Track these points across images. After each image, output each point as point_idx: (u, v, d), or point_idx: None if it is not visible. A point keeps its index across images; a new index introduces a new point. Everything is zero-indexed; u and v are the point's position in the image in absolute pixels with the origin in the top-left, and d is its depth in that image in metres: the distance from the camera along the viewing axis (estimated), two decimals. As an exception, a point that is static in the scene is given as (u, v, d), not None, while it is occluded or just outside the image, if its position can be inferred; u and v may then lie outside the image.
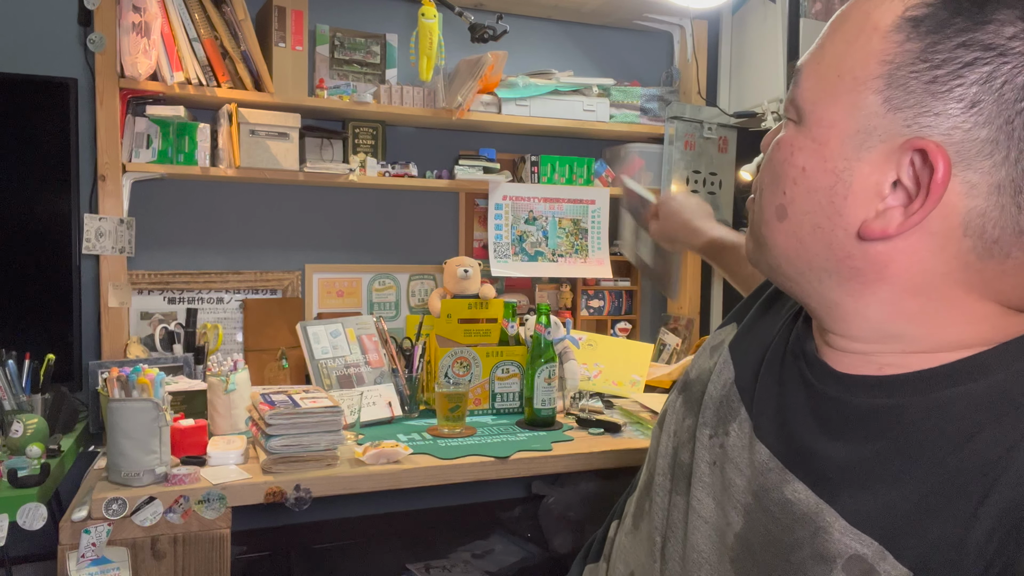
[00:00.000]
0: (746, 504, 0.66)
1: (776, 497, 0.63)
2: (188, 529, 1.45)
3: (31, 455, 1.51)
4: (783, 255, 0.66)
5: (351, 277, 2.38)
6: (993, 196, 0.54)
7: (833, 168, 0.60)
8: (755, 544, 0.63)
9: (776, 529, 0.62)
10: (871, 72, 0.57)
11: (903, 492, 0.55)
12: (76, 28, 2.05)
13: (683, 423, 0.80)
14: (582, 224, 2.52)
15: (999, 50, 0.53)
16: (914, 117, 0.55)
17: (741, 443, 0.69)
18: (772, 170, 0.65)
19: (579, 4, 2.44)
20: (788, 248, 0.65)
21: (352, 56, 2.31)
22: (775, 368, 0.71)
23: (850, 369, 0.64)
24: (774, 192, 0.64)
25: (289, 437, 1.55)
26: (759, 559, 0.62)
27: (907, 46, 0.56)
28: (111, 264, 2.02)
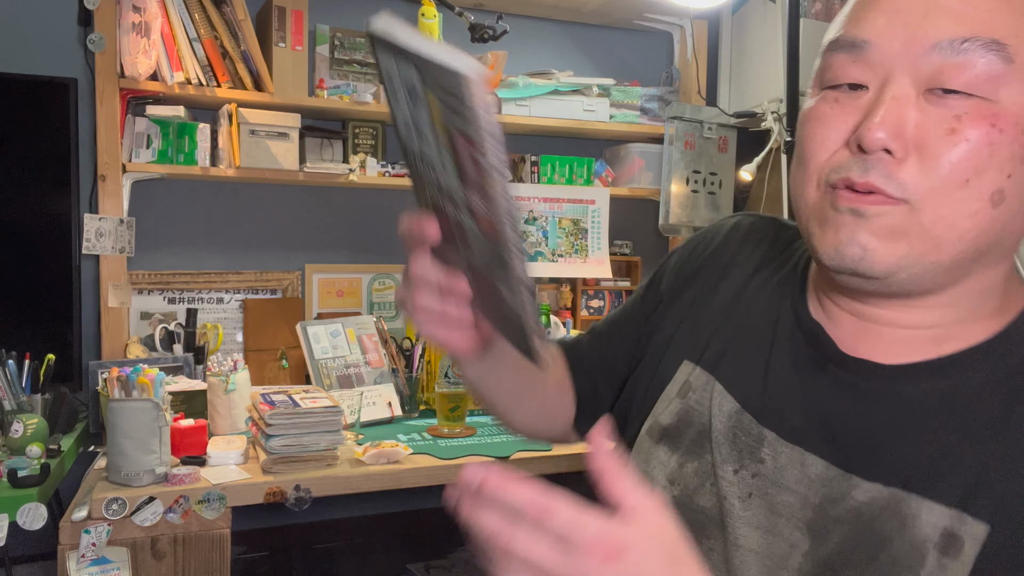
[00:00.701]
0: (809, 521, 0.62)
1: (848, 504, 0.60)
2: (188, 529, 1.45)
3: (31, 455, 1.51)
4: (973, 247, 0.56)
5: (351, 277, 2.38)
6: None
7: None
8: (833, 557, 0.60)
9: (856, 534, 0.59)
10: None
11: (967, 461, 0.56)
12: (76, 28, 2.05)
13: (682, 470, 0.71)
14: (582, 224, 2.52)
15: None
16: None
17: (786, 463, 0.64)
18: (981, 155, 0.54)
19: (579, 4, 2.44)
20: (988, 236, 0.55)
21: (352, 56, 2.31)
22: (791, 381, 0.67)
23: (899, 359, 0.61)
24: (991, 179, 0.54)
25: (289, 437, 1.55)
26: (841, 571, 0.59)
27: None
28: (111, 264, 2.02)
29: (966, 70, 0.53)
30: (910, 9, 0.55)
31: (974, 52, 0.52)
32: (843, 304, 0.64)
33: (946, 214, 0.54)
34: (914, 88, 0.55)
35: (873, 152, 0.54)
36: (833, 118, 0.58)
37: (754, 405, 0.67)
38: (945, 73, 0.53)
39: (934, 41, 0.53)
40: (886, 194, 0.54)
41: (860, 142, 0.55)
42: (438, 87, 0.46)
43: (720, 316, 0.74)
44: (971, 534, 0.55)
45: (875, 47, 0.56)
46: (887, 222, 0.55)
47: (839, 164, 0.57)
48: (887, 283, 0.57)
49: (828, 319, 0.66)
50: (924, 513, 0.56)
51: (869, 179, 0.55)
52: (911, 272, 0.56)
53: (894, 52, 0.55)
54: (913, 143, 0.54)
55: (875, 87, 0.56)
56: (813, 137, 0.59)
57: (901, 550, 0.57)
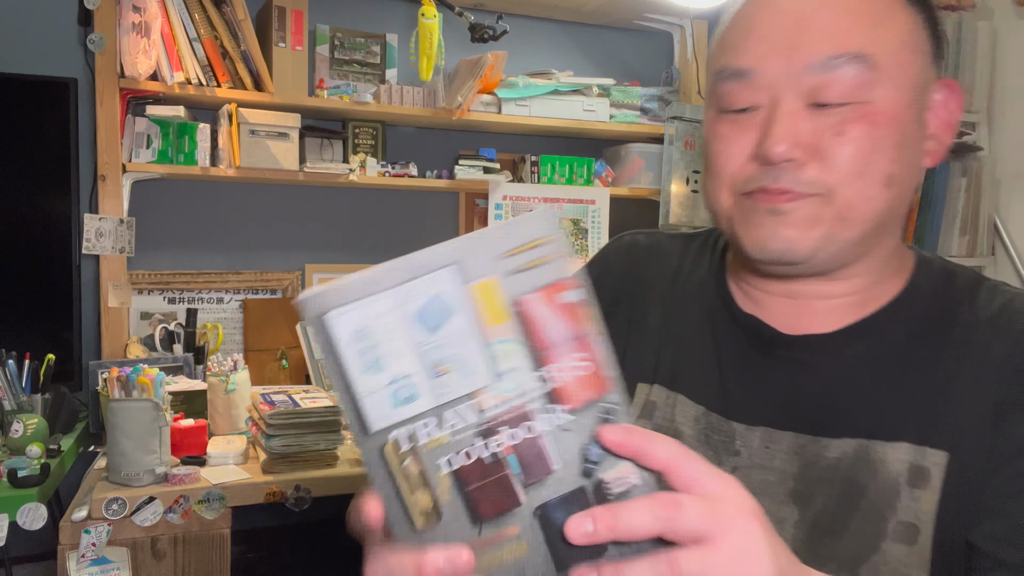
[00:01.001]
0: (791, 491, 0.67)
1: (823, 464, 0.66)
2: (188, 529, 1.45)
3: (31, 455, 1.51)
4: (875, 224, 0.64)
5: (351, 277, 2.38)
6: None
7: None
8: (820, 517, 0.65)
9: (836, 489, 0.65)
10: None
11: (914, 399, 0.64)
12: (76, 28, 2.05)
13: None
14: (582, 224, 2.52)
15: None
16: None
17: (759, 446, 0.69)
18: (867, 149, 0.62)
19: (579, 4, 2.44)
20: (886, 214, 0.64)
21: (352, 56, 2.31)
22: (745, 372, 0.71)
23: (833, 326, 0.69)
24: (881, 167, 0.62)
25: (289, 437, 1.55)
26: (830, 528, 0.65)
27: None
28: (111, 264, 2.02)
29: (839, 83, 0.61)
30: (782, 36, 0.62)
31: (843, 67, 0.60)
32: (774, 289, 0.71)
33: (851, 200, 0.62)
34: (800, 102, 0.62)
35: (778, 163, 0.62)
36: (735, 137, 0.65)
37: (718, 404, 0.72)
38: (822, 89, 0.61)
39: (806, 62, 0.61)
40: (797, 193, 0.62)
41: (765, 156, 0.62)
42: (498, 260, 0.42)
43: (658, 333, 0.78)
44: (934, 462, 0.62)
45: (759, 73, 0.63)
46: (803, 214, 0.63)
47: (749, 177, 0.64)
48: (810, 264, 0.65)
49: (760, 307, 0.72)
50: (890, 454, 0.64)
51: (781, 184, 0.62)
52: (829, 252, 0.64)
53: (775, 75, 0.62)
54: (809, 149, 0.62)
55: (766, 106, 0.64)
56: (720, 155, 0.67)
57: (877, 493, 0.63)
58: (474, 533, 0.42)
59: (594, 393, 0.42)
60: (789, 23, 0.62)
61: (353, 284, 0.40)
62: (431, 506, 0.41)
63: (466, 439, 0.42)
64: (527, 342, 0.42)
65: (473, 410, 0.42)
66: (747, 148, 0.65)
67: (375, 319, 0.40)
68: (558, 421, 0.42)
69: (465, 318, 0.41)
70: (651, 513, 0.40)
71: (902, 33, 0.63)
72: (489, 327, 0.42)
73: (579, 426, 0.42)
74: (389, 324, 0.40)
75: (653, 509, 0.40)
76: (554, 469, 0.42)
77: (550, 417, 0.42)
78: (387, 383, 0.41)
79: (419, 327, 0.41)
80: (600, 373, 0.42)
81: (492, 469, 0.42)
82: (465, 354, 0.41)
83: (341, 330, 0.40)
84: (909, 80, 0.63)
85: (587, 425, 0.42)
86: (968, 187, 2.37)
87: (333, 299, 0.40)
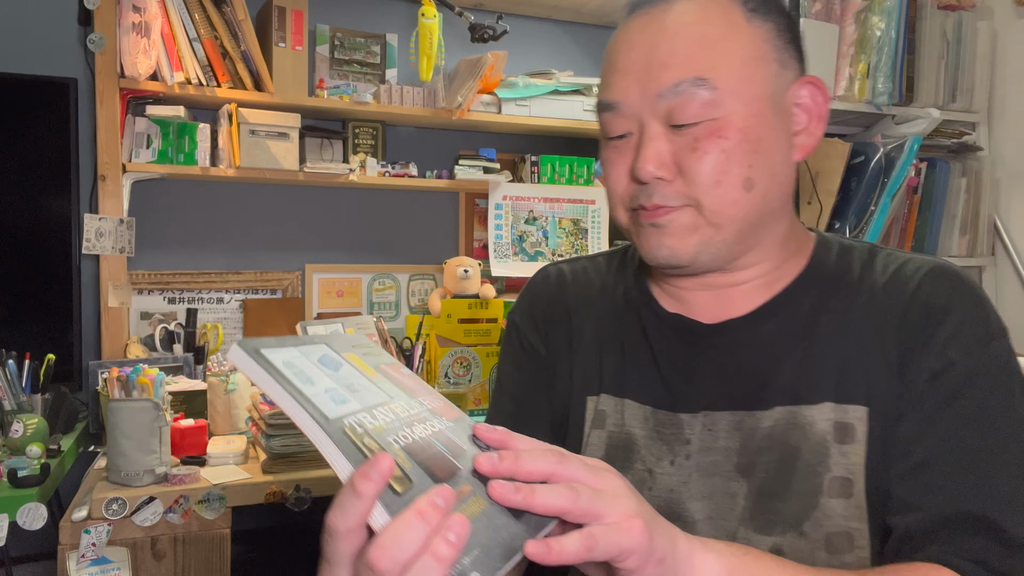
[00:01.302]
0: (736, 465, 0.73)
1: (761, 434, 0.72)
2: (188, 529, 1.45)
3: (31, 455, 1.51)
4: (746, 223, 0.71)
5: (351, 277, 2.38)
6: None
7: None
8: (765, 483, 0.71)
9: (775, 455, 0.71)
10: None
11: (829, 363, 0.72)
12: (76, 28, 2.05)
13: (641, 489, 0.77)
14: (582, 224, 2.52)
15: None
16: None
17: (703, 431, 0.75)
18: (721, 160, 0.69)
19: (579, 4, 2.44)
20: (753, 213, 0.71)
21: (352, 56, 2.31)
22: (680, 368, 0.78)
23: (748, 308, 0.76)
24: (736, 173, 0.69)
25: (289, 437, 1.55)
26: (773, 492, 0.71)
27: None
28: (111, 264, 2.02)
29: (688, 105, 0.68)
30: (635, 69, 0.71)
31: (688, 91, 0.68)
32: (691, 285, 0.78)
33: (717, 207, 0.70)
34: (661, 126, 0.70)
35: (649, 181, 0.70)
36: (617, 161, 0.74)
37: (664, 401, 0.78)
38: (674, 112, 0.69)
39: (658, 90, 0.69)
40: (669, 207, 0.70)
41: (637, 176, 0.71)
42: (350, 347, 0.58)
43: (596, 346, 0.84)
44: (857, 417, 0.70)
45: (623, 104, 0.72)
46: (679, 224, 0.71)
47: (632, 195, 0.73)
48: (695, 267, 0.73)
49: (683, 304, 0.80)
50: (816, 415, 0.71)
51: (655, 201, 0.71)
52: (709, 253, 0.72)
53: (637, 104, 0.71)
54: (673, 167, 0.70)
55: (636, 132, 0.72)
56: (609, 178, 0.75)
57: (810, 452, 0.70)
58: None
59: (456, 414, 0.57)
60: (640, 56, 0.70)
61: (269, 340, 0.53)
62: (401, 474, 0.47)
63: (399, 426, 0.52)
64: (399, 385, 0.57)
65: (391, 412, 0.53)
66: (627, 170, 0.73)
67: (295, 358, 0.53)
68: (444, 426, 0.54)
69: (351, 368, 0.56)
70: (546, 457, 0.50)
71: (745, 49, 0.70)
72: (368, 375, 0.56)
73: (461, 427, 0.55)
74: (305, 363, 0.53)
75: (548, 454, 0.50)
76: (464, 448, 0.53)
77: (439, 422, 0.55)
78: (323, 391, 0.51)
79: (324, 368, 0.54)
80: (449, 406, 0.58)
81: (428, 446, 0.51)
82: (364, 383, 0.54)
83: (276, 359, 0.52)
84: (755, 91, 0.70)
85: (466, 428, 0.55)
86: (968, 187, 2.37)
87: (261, 344, 0.52)
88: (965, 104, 2.37)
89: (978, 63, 2.36)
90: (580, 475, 0.49)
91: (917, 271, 0.73)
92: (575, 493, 0.48)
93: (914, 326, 0.70)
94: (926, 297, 0.71)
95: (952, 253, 2.40)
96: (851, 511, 0.68)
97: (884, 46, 2.23)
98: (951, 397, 0.67)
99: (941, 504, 0.65)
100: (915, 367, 0.69)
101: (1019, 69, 2.34)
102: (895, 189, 2.21)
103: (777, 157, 0.72)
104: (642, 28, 0.71)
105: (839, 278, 0.76)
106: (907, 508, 0.66)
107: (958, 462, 0.66)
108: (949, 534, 0.64)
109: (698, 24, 0.69)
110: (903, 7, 2.25)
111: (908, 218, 2.32)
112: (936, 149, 2.38)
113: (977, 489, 0.65)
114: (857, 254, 0.77)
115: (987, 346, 0.69)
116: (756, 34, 0.71)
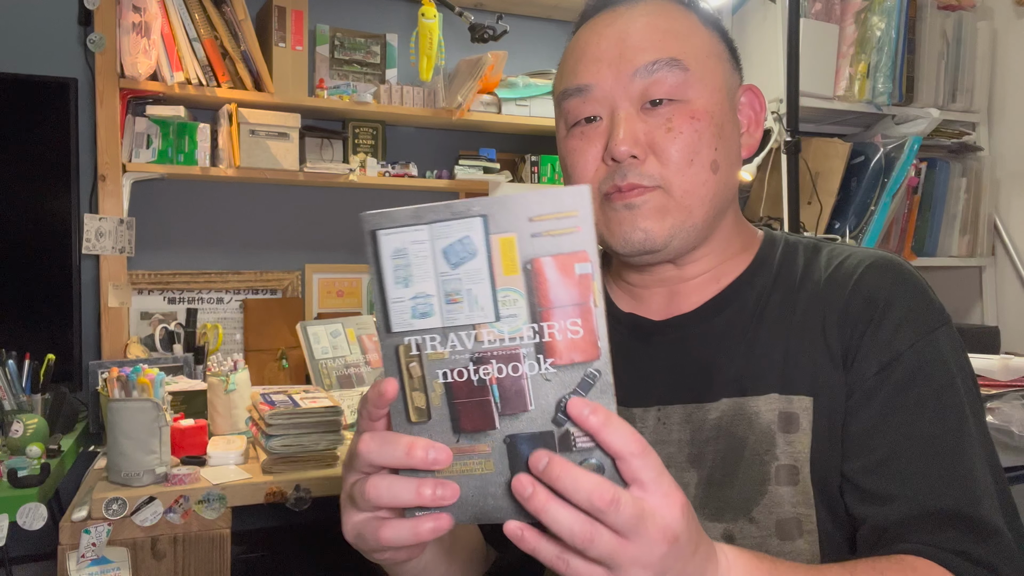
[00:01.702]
0: (688, 456, 0.75)
1: (709, 425, 0.75)
2: (188, 529, 1.45)
3: (31, 455, 1.51)
4: (712, 206, 0.75)
5: (351, 277, 2.38)
6: None
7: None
8: (713, 473, 0.74)
9: (722, 445, 0.74)
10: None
11: (774, 355, 0.74)
12: (76, 28, 2.05)
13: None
14: (582, 224, 2.52)
15: None
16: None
17: (655, 424, 0.77)
18: (693, 141, 0.73)
19: (579, 4, 2.43)
20: (719, 196, 0.75)
21: (352, 56, 2.31)
22: (633, 364, 0.80)
23: (696, 303, 0.79)
24: (706, 155, 0.73)
25: (289, 437, 1.55)
26: (722, 480, 0.73)
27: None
28: (111, 264, 2.02)
29: (662, 83, 0.73)
30: (609, 55, 0.74)
31: (662, 69, 0.73)
32: (647, 282, 0.82)
33: (687, 188, 0.73)
34: (634, 107, 0.74)
35: (623, 160, 0.73)
36: (586, 146, 0.76)
37: (618, 397, 0.75)
38: (650, 89, 0.73)
39: (633, 70, 0.73)
40: (643, 187, 0.73)
41: (612, 156, 0.73)
42: (523, 221, 0.47)
43: None
44: (802, 408, 0.72)
45: (596, 87, 0.75)
46: (652, 206, 0.73)
47: (603, 178, 0.75)
48: (668, 251, 0.75)
49: (638, 302, 0.83)
50: (762, 406, 0.73)
51: (629, 180, 0.73)
52: (681, 238, 0.74)
53: (610, 86, 0.74)
54: (647, 146, 0.73)
55: (607, 115, 0.75)
56: (576, 165, 0.77)
57: (756, 442, 0.72)
58: (452, 440, 0.50)
59: (581, 357, 0.48)
60: (612, 44, 0.75)
61: (403, 213, 0.48)
62: (424, 406, 0.49)
63: (462, 360, 0.49)
64: (531, 298, 0.48)
65: (471, 338, 0.49)
66: (597, 154, 0.75)
67: (412, 244, 0.48)
68: (541, 370, 0.48)
69: (482, 262, 0.48)
70: (588, 495, 0.45)
71: (705, 44, 0.76)
72: (501, 275, 0.48)
73: (560, 380, 0.48)
74: (422, 252, 0.48)
75: (593, 494, 0.45)
76: (530, 409, 0.48)
77: (535, 364, 0.48)
78: (411, 297, 0.49)
79: (444, 260, 0.48)
80: (591, 341, 0.48)
81: (477, 391, 0.49)
82: (475, 291, 0.48)
83: (385, 247, 0.49)
84: (717, 82, 0.75)
85: (567, 382, 0.48)
86: (968, 187, 2.37)
87: (384, 221, 0.48)
88: (965, 104, 2.37)
89: (978, 63, 2.36)
90: (621, 525, 0.45)
91: (859, 264, 0.75)
92: (591, 535, 0.45)
93: (857, 318, 0.72)
94: (868, 290, 0.72)
95: (952, 253, 2.40)
96: (798, 497, 0.71)
97: (884, 46, 2.23)
98: (902, 387, 0.69)
99: (911, 494, 0.66)
100: (862, 360, 0.71)
101: (1019, 69, 2.34)
102: (895, 189, 2.21)
103: (733, 147, 0.78)
104: (610, 22, 0.76)
105: (783, 273, 0.78)
106: (877, 499, 0.68)
107: (921, 451, 0.67)
108: (925, 526, 0.65)
109: (664, 18, 0.75)
110: (903, 7, 2.25)
111: (908, 218, 2.32)
112: (936, 149, 2.38)
113: (943, 478, 0.66)
114: (802, 249, 0.80)
115: (931, 335, 0.71)
116: (711, 36, 0.78)
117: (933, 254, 2.37)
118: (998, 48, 2.38)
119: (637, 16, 0.76)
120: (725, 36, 0.80)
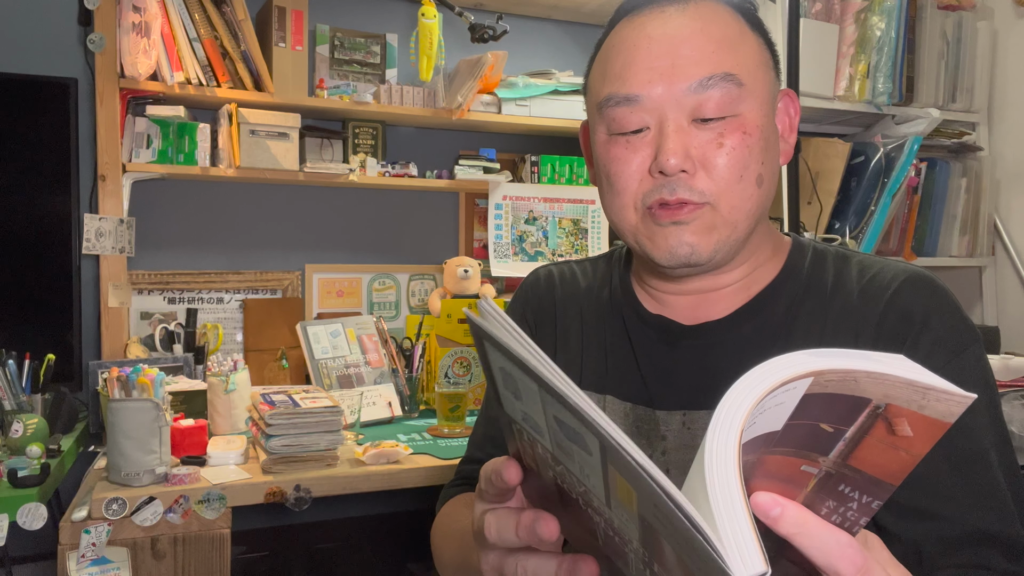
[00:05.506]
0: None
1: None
2: (188, 529, 1.45)
3: (31, 455, 1.51)
4: (755, 220, 0.75)
5: (351, 277, 2.38)
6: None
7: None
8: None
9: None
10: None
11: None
12: (76, 28, 2.05)
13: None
14: (582, 224, 2.52)
15: None
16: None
17: (680, 428, 0.77)
18: (743, 155, 0.72)
19: (579, 4, 2.44)
20: (761, 209, 0.75)
21: (352, 56, 2.31)
22: (659, 366, 0.80)
23: (727, 310, 0.78)
24: (753, 169, 0.73)
25: (289, 437, 1.55)
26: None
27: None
28: (111, 264, 2.02)
29: (714, 100, 0.71)
30: (661, 65, 0.72)
31: (716, 85, 0.71)
32: (674, 289, 0.81)
33: (735, 204, 0.72)
34: (684, 120, 0.72)
35: (673, 174, 0.71)
36: (631, 156, 0.74)
37: (643, 398, 0.80)
38: (700, 106, 0.71)
39: (686, 84, 0.71)
40: (693, 203, 0.72)
41: (661, 168, 0.71)
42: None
43: (579, 344, 0.87)
44: None
45: (646, 98, 0.72)
46: (700, 223, 0.72)
47: (648, 190, 0.73)
48: (710, 265, 0.75)
49: (664, 306, 0.82)
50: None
51: (678, 195, 0.71)
52: (725, 252, 0.74)
53: (660, 98, 0.72)
54: (697, 160, 0.71)
55: (655, 126, 0.73)
56: (620, 174, 0.75)
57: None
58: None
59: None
60: (665, 51, 0.72)
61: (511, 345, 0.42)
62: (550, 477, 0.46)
63: (572, 486, 0.45)
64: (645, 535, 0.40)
65: (580, 485, 0.43)
66: (643, 165, 0.73)
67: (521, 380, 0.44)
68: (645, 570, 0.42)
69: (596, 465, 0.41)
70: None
71: (755, 53, 0.74)
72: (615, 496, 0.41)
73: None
74: (531, 394, 0.43)
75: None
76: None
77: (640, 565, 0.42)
78: (521, 408, 0.45)
79: (556, 423, 0.43)
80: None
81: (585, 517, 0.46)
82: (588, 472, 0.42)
83: (494, 360, 0.46)
84: (765, 92, 0.74)
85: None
86: (968, 187, 2.37)
87: (492, 333, 0.43)
88: (965, 104, 2.37)
89: (978, 63, 2.36)
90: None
91: (894, 279, 0.74)
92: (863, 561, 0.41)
93: (892, 335, 0.72)
94: (904, 306, 0.72)
95: (952, 253, 2.40)
96: None
97: (884, 46, 2.23)
98: None
99: (950, 514, 0.67)
100: None
101: (1019, 69, 2.34)
102: (895, 189, 2.21)
103: (776, 158, 0.77)
104: (660, 24, 0.73)
105: (813, 283, 0.78)
106: (915, 514, 0.68)
107: (957, 468, 0.67)
108: (966, 547, 0.66)
109: (718, 25, 0.73)
110: (903, 7, 2.25)
111: (908, 218, 2.32)
112: (936, 149, 2.38)
113: (980, 495, 0.67)
114: (831, 258, 0.80)
115: (965, 352, 0.71)
116: (759, 41, 0.76)
117: (933, 254, 2.37)
118: (998, 48, 2.38)
119: (688, 21, 0.73)
120: (767, 38, 0.78)
